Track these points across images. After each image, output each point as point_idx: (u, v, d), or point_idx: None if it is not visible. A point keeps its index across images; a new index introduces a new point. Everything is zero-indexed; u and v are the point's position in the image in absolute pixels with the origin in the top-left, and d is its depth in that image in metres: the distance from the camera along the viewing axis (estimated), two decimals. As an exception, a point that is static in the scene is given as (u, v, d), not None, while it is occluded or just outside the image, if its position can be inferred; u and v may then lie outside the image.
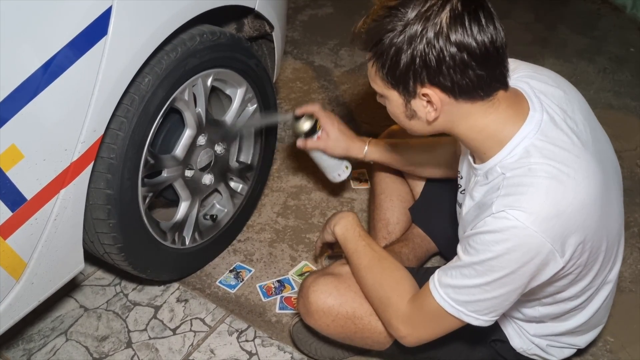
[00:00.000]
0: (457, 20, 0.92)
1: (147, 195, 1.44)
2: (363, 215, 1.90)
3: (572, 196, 0.98)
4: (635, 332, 1.57)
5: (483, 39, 0.94)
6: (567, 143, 1.01)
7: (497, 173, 1.03)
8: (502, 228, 0.98)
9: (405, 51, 0.95)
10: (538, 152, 1.00)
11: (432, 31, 0.93)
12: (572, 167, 0.99)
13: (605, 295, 1.22)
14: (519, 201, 0.97)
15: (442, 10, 0.93)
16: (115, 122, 1.26)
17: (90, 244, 1.41)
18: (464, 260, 1.05)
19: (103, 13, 1.11)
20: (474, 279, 1.04)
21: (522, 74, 1.11)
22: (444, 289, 1.08)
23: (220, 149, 1.61)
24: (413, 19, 0.94)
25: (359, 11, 3.05)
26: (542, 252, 0.98)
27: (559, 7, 3.17)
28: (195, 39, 1.38)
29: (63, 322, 1.59)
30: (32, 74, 1.04)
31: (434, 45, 0.93)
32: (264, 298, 1.65)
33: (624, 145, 2.17)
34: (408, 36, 0.94)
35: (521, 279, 1.02)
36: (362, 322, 1.29)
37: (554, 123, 1.03)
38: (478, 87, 0.98)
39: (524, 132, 1.01)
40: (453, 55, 0.93)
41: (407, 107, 1.03)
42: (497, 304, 1.06)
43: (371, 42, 0.99)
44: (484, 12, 0.95)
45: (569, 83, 1.16)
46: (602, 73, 2.63)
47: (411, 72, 0.96)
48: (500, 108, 1.01)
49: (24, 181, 1.11)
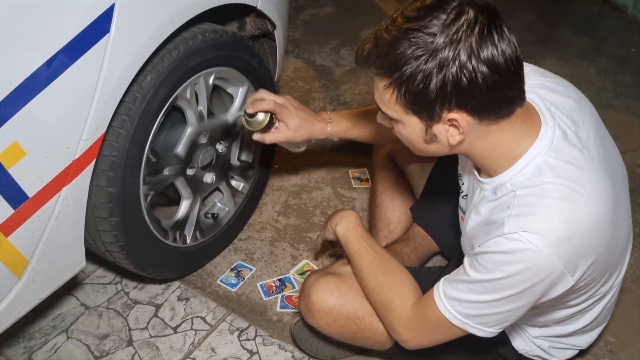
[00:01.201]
0: (486, 39, 0.90)
1: (148, 193, 1.44)
2: (364, 214, 1.90)
3: (586, 217, 0.97)
4: (637, 332, 1.57)
5: (510, 55, 0.91)
6: (579, 159, 1.00)
7: (507, 190, 1.02)
8: (514, 250, 0.97)
9: (435, 76, 0.90)
10: (551, 170, 0.98)
11: (465, 54, 0.89)
12: (585, 186, 0.98)
13: (610, 297, 1.22)
14: (532, 223, 0.96)
15: (471, 32, 0.89)
16: (118, 120, 1.26)
17: (91, 242, 1.41)
18: (472, 276, 1.03)
19: (105, 11, 1.11)
20: (482, 295, 1.03)
21: (532, 83, 1.08)
22: (449, 301, 1.07)
23: (221, 148, 1.61)
24: (443, 42, 0.89)
25: (361, 10, 3.08)
26: (553, 273, 0.98)
27: (560, 8, 3.17)
28: (198, 38, 1.38)
29: (64, 320, 1.59)
30: (34, 72, 1.04)
31: (467, 68, 0.89)
32: (265, 297, 1.65)
33: (624, 146, 2.17)
34: (439, 62, 0.90)
35: (530, 297, 1.01)
36: (363, 323, 1.29)
37: (566, 138, 1.01)
38: (505, 106, 0.96)
39: (537, 149, 1.00)
40: (485, 76, 0.90)
41: (428, 132, 1.00)
42: (504, 318, 1.06)
43: (389, 69, 0.94)
44: (506, 26, 0.92)
45: (577, 89, 1.15)
46: (603, 73, 2.63)
47: (440, 97, 0.93)
48: (517, 124, 0.99)
49: (26, 179, 1.10)
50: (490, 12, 0.92)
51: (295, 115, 1.41)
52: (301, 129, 1.43)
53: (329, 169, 2.07)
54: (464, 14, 0.90)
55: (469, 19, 0.90)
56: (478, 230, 1.07)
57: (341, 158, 2.11)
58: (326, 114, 1.48)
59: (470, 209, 1.13)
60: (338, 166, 2.08)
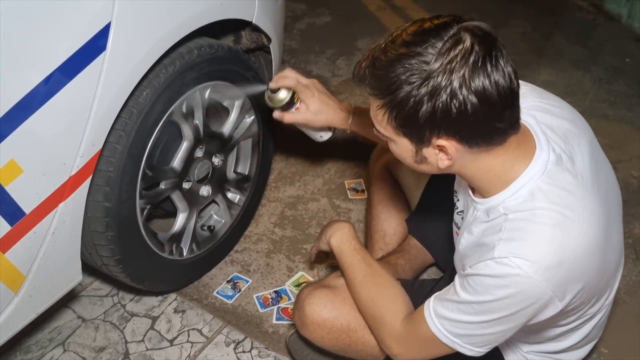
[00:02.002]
0: (480, 70, 0.90)
1: (145, 207, 1.45)
2: (360, 225, 1.91)
3: (576, 244, 0.98)
4: (630, 344, 1.58)
5: (504, 86, 0.91)
6: (572, 185, 1.00)
7: (499, 213, 1.02)
8: (504, 274, 0.97)
9: (425, 103, 0.91)
10: (543, 195, 0.99)
11: (457, 83, 0.89)
12: (577, 212, 0.98)
13: (601, 316, 1.23)
14: (522, 248, 0.96)
15: (465, 62, 0.89)
16: (114, 136, 1.27)
17: (88, 255, 1.42)
18: (462, 297, 1.04)
19: (102, 29, 1.12)
20: (472, 316, 1.04)
21: (528, 104, 1.09)
22: (439, 320, 1.08)
23: (217, 161, 1.62)
24: (436, 70, 0.90)
25: (357, 20, 3.10)
26: (542, 299, 0.98)
27: (555, 17, 3.19)
28: (193, 53, 1.39)
29: (61, 332, 1.59)
30: (32, 90, 1.05)
31: (457, 98, 0.90)
32: (261, 309, 1.66)
33: (618, 156, 2.19)
34: (431, 88, 0.90)
35: (518, 320, 1.02)
36: (356, 335, 1.30)
37: (560, 163, 1.01)
38: (496, 137, 0.96)
39: (530, 174, 1.00)
40: (475, 107, 0.90)
41: (418, 154, 1.01)
42: (493, 339, 1.07)
43: (383, 91, 0.95)
44: (502, 56, 0.92)
45: (574, 110, 1.15)
46: (598, 83, 2.64)
47: (429, 124, 0.94)
48: (510, 149, 0.99)
49: (23, 195, 1.12)
50: (487, 41, 0.91)
51: (317, 98, 1.42)
52: (321, 113, 1.43)
53: (325, 180, 2.08)
54: (460, 43, 0.90)
55: (465, 49, 0.90)
56: (469, 250, 1.08)
57: (337, 169, 2.12)
58: (350, 105, 1.49)
59: (464, 227, 1.14)
60: (334, 177, 2.09)
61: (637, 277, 1.77)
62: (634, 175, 2.14)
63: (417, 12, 3.17)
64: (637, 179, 2.12)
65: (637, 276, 1.77)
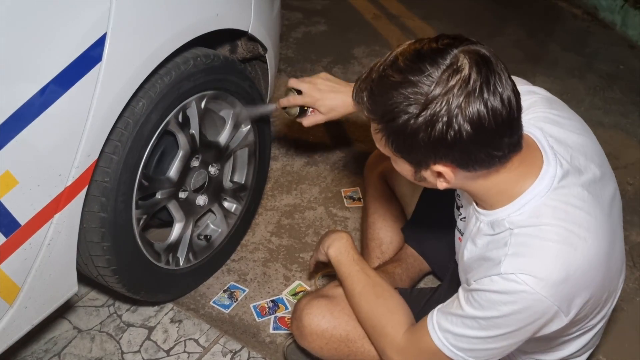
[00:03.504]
0: (477, 99, 0.89)
1: (141, 217, 1.44)
2: (356, 234, 1.91)
3: (582, 259, 0.98)
4: (627, 351, 1.58)
5: (501, 112, 0.90)
6: (578, 200, 1.00)
7: (504, 227, 1.02)
8: (510, 291, 0.97)
9: (422, 132, 0.91)
10: (550, 212, 0.98)
11: (454, 112, 0.89)
12: (584, 227, 0.98)
13: (600, 327, 1.23)
14: (529, 265, 0.96)
15: (462, 91, 0.89)
16: (110, 146, 1.27)
17: (84, 266, 1.41)
18: (467, 312, 1.03)
19: (98, 40, 1.12)
20: (477, 331, 1.03)
21: (536, 115, 1.08)
22: (443, 333, 1.07)
23: (214, 170, 1.62)
24: (432, 99, 0.89)
25: (353, 28, 3.11)
26: (548, 314, 0.99)
27: (549, 25, 3.21)
28: (189, 63, 1.39)
29: (56, 343, 1.58)
30: (27, 101, 1.05)
31: (452, 127, 0.90)
32: (258, 318, 1.66)
33: (614, 163, 2.17)
34: (427, 118, 0.90)
35: (523, 335, 1.02)
36: (355, 345, 1.29)
37: (567, 178, 1.01)
38: (495, 162, 0.96)
39: (536, 190, 0.99)
40: (470, 135, 0.90)
41: (417, 173, 1.02)
42: (497, 353, 1.07)
43: (381, 117, 0.95)
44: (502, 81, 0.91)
45: (582, 121, 1.14)
46: (593, 90, 2.66)
47: (426, 151, 0.94)
48: (513, 167, 0.99)
49: (18, 207, 1.11)
50: (486, 67, 0.90)
51: (323, 99, 1.43)
52: (333, 110, 1.44)
53: (321, 189, 2.08)
54: (458, 72, 0.89)
55: (463, 78, 0.89)
56: (474, 263, 1.07)
57: (333, 177, 2.12)
58: None
59: (467, 236, 1.13)
60: (330, 185, 2.09)
61: (634, 285, 1.77)
62: (629, 182, 2.14)
63: (412, 21, 3.19)
64: (633, 186, 2.13)
65: (635, 283, 1.77)
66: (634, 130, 2.42)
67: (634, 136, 2.39)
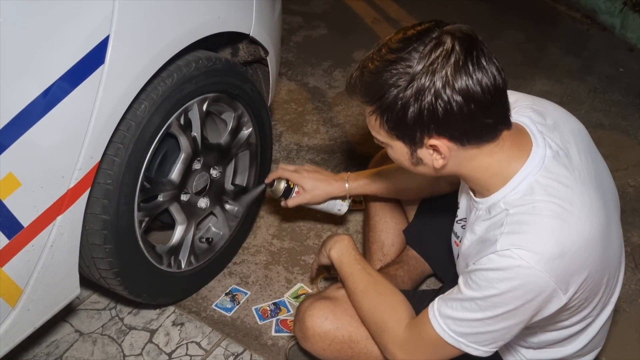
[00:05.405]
0: (462, 69, 0.93)
1: (143, 219, 1.44)
2: (358, 236, 1.91)
3: (576, 235, 0.99)
4: (629, 353, 1.58)
5: (487, 84, 0.95)
6: (569, 179, 1.02)
7: (501, 209, 1.04)
8: (506, 266, 0.98)
9: (412, 105, 0.95)
10: (542, 189, 1.01)
11: (440, 83, 0.93)
12: (576, 205, 1.00)
13: (604, 319, 1.23)
14: (524, 240, 0.98)
15: (447, 62, 0.93)
16: (112, 148, 1.27)
17: (86, 268, 1.41)
18: (466, 294, 1.05)
19: (100, 42, 1.13)
20: (476, 313, 1.04)
21: (522, 105, 1.12)
22: (443, 320, 1.08)
23: (215, 173, 1.62)
24: (419, 72, 0.94)
25: (353, 32, 3.12)
26: (546, 291, 0.99)
27: (549, 28, 3.22)
28: (191, 65, 1.39)
29: (58, 347, 1.58)
30: (30, 103, 1.05)
31: (442, 97, 0.94)
32: (260, 321, 1.65)
33: (615, 165, 2.20)
34: (415, 90, 0.94)
35: (523, 315, 1.03)
36: (358, 347, 1.29)
37: (557, 158, 1.04)
38: (485, 133, 0.99)
39: (528, 169, 1.02)
40: (460, 105, 0.94)
41: (413, 156, 1.04)
42: (498, 337, 1.07)
43: (373, 97, 0.99)
44: (485, 55, 0.96)
45: (567, 112, 1.17)
46: (593, 93, 2.66)
47: (418, 124, 0.97)
48: (505, 146, 1.02)
49: (21, 209, 1.11)
50: (468, 42, 0.95)
51: (307, 177, 1.56)
52: (316, 188, 1.56)
53: (322, 191, 2.07)
54: (441, 45, 0.94)
55: (446, 49, 0.94)
56: (473, 249, 1.09)
57: (335, 180, 2.12)
58: (345, 174, 1.59)
59: (466, 230, 1.15)
60: (332, 188, 2.09)
61: (636, 286, 1.77)
62: (630, 184, 2.15)
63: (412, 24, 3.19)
64: (634, 187, 2.13)
65: (637, 285, 1.77)
66: (634, 132, 2.43)
67: (634, 138, 2.40)
